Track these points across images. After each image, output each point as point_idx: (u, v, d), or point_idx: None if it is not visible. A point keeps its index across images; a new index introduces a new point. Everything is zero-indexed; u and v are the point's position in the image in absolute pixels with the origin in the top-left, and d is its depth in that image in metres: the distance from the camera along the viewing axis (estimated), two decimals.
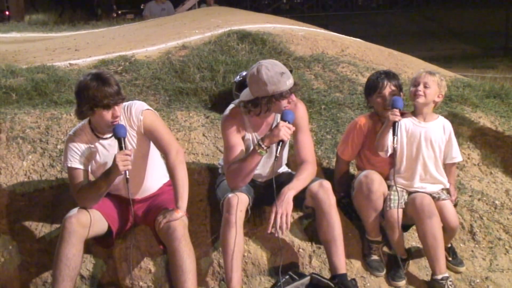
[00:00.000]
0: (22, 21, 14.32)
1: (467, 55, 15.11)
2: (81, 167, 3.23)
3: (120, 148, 3.11)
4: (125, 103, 3.25)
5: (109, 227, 3.27)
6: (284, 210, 3.19)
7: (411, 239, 3.80)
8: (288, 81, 3.20)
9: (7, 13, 18.33)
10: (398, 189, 3.52)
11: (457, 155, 3.68)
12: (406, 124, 3.59)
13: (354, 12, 20.60)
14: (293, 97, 3.29)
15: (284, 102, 3.24)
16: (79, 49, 6.77)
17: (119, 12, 21.10)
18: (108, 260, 3.47)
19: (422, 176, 3.60)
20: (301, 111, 3.44)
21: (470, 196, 4.11)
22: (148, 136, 3.29)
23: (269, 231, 3.27)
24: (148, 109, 3.30)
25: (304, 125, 3.46)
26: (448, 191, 3.70)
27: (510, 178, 4.36)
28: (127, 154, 3.08)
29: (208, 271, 3.50)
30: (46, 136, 4.04)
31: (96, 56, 5.63)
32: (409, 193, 3.58)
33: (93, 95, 3.04)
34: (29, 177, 3.78)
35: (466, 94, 5.14)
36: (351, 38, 6.76)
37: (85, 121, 3.28)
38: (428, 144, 3.58)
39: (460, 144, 4.45)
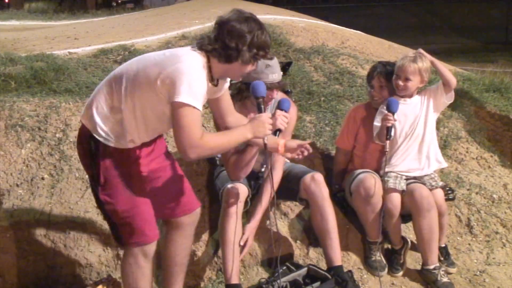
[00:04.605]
0: (22, 9, 14.32)
1: (467, 49, 15.09)
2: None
3: (259, 109, 2.80)
4: None
5: None
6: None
7: (408, 232, 3.81)
8: (272, 75, 3.18)
9: (6, 0, 18.29)
10: (393, 174, 3.51)
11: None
12: None
13: (355, 4, 20.52)
14: (274, 93, 3.25)
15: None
16: (78, 37, 6.76)
17: (119, 1, 21.01)
18: (106, 248, 3.48)
19: (418, 156, 3.58)
20: (292, 114, 3.27)
21: (468, 189, 4.12)
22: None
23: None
24: None
25: (288, 130, 3.32)
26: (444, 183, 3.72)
27: (508, 172, 4.37)
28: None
29: (206, 261, 3.51)
30: (45, 125, 4.03)
31: (96, 45, 5.61)
32: (407, 178, 3.54)
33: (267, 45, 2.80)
34: (28, 165, 3.78)
35: (466, 88, 5.14)
36: (352, 30, 6.76)
37: (203, 61, 2.65)
38: (417, 120, 3.57)
39: (458, 138, 4.49)
